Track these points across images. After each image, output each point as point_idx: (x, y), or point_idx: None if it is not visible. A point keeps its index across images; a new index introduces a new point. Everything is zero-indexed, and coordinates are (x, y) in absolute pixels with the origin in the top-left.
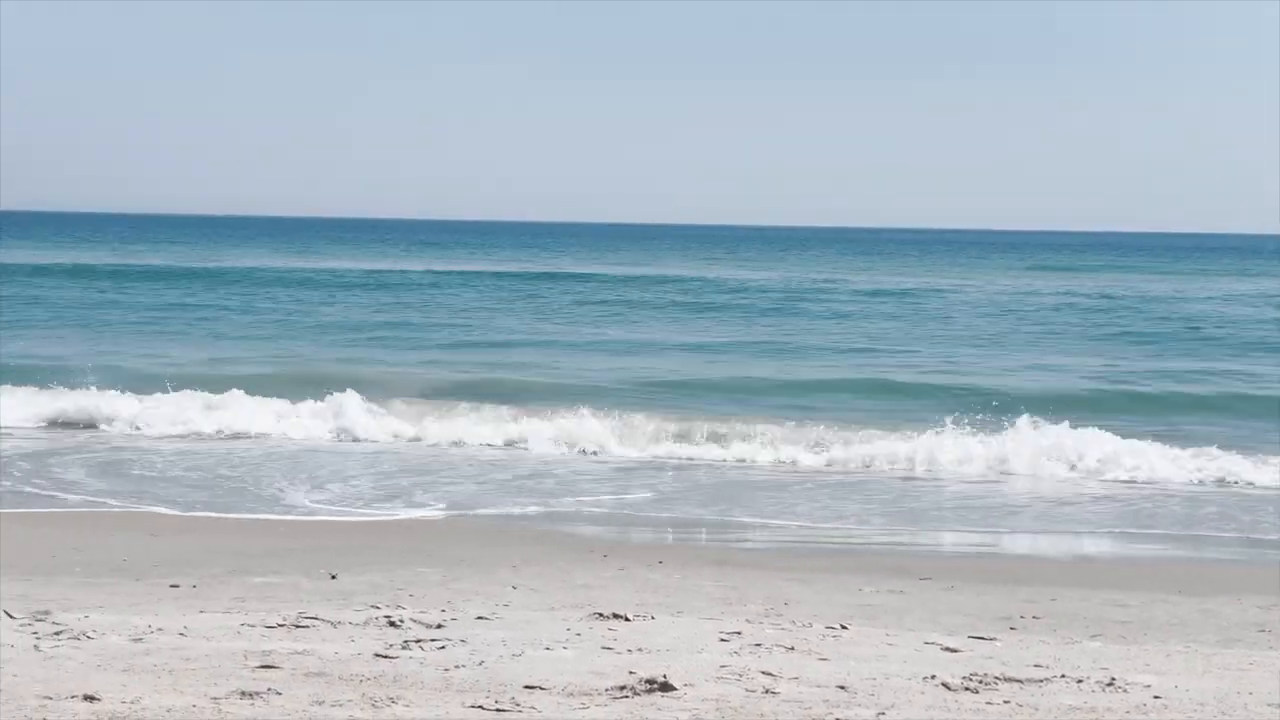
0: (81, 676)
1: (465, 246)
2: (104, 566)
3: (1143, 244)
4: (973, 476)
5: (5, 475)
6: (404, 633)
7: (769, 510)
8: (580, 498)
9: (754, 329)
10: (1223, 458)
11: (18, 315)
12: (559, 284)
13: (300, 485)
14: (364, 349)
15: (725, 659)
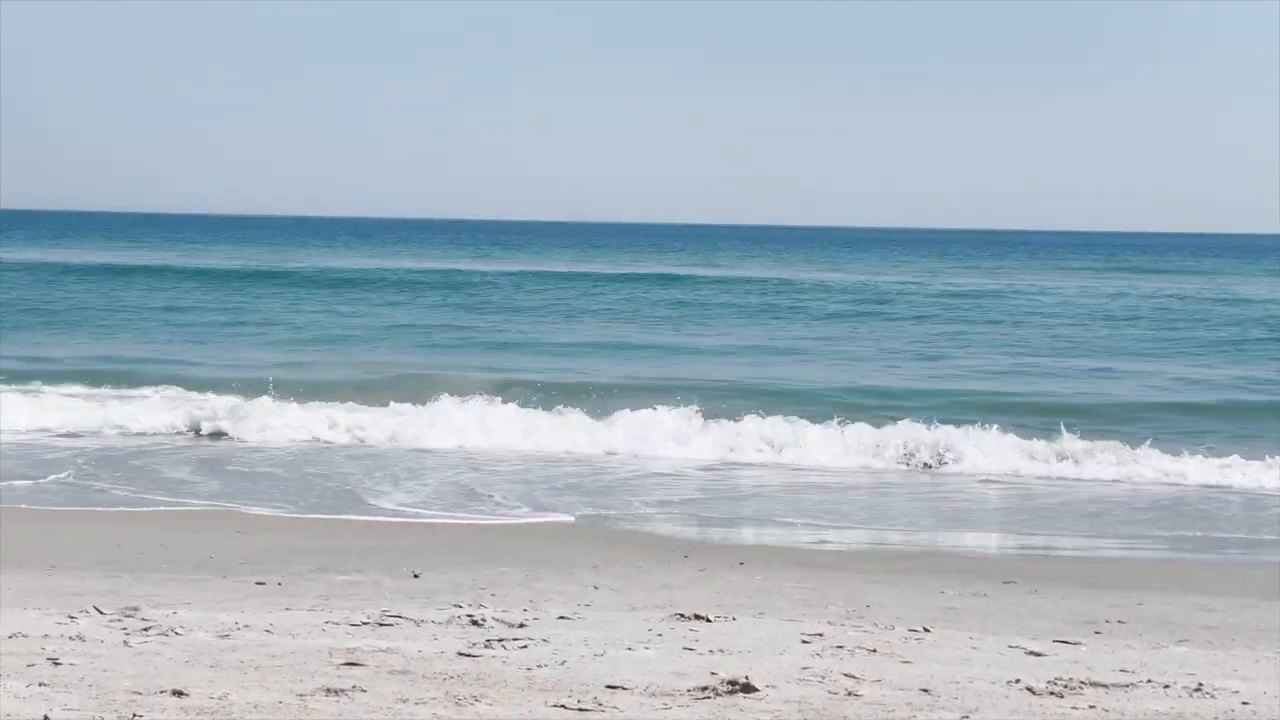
0: (170, 672)
1: (642, 249)
2: (191, 564)
3: (1185, 244)
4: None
5: (110, 475)
6: (486, 631)
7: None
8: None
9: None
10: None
11: (125, 317)
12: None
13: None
14: (583, 358)
15: (807, 660)
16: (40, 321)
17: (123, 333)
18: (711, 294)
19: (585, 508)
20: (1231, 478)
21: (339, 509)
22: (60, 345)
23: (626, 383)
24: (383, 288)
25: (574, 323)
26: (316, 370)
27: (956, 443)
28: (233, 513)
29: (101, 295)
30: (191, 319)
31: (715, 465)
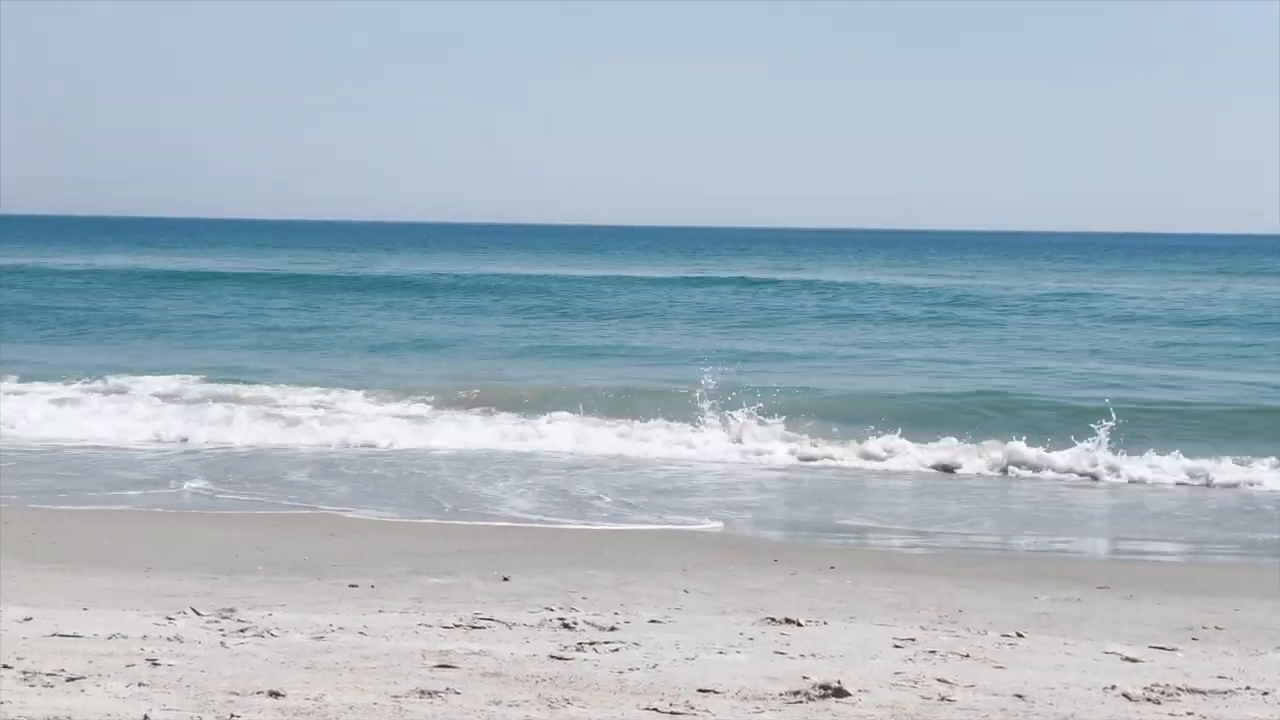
0: (267, 673)
1: (769, 255)
2: (285, 566)
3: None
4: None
5: (225, 479)
6: (578, 635)
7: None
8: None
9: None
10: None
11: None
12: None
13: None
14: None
15: (899, 665)
16: (162, 328)
17: (244, 339)
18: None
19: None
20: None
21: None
22: (195, 352)
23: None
24: (477, 292)
25: (747, 329)
26: (483, 378)
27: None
28: (326, 515)
29: (192, 302)
30: (320, 326)
31: (797, 467)
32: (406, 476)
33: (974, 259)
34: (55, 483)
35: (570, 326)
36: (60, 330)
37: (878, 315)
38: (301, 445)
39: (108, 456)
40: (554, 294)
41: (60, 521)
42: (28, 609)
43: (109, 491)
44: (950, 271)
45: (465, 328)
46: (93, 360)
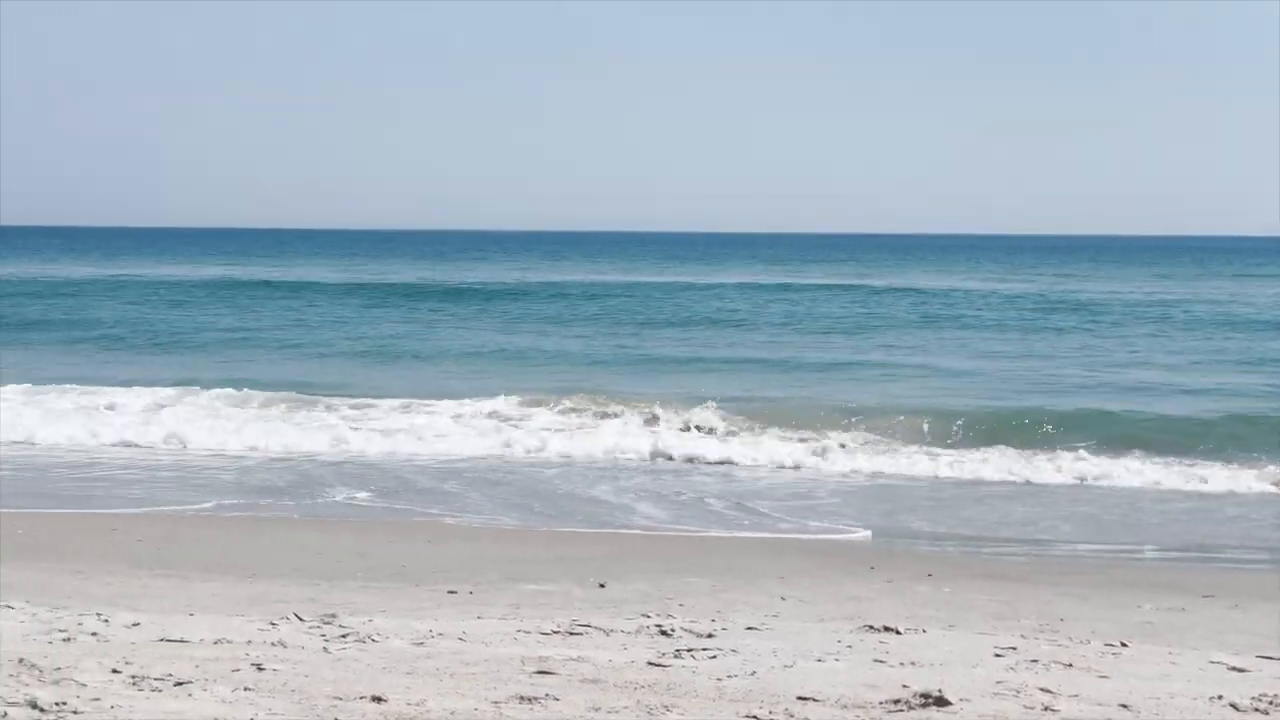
0: (369, 678)
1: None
2: (385, 572)
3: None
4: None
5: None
6: (675, 641)
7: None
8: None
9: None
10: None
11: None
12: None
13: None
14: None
15: (1001, 674)
16: (280, 339)
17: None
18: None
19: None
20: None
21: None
22: (318, 362)
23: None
24: (573, 299)
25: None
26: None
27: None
28: (425, 522)
29: (296, 312)
30: (432, 334)
31: (905, 476)
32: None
33: (1028, 261)
34: (194, 494)
35: (718, 336)
36: (170, 341)
37: (1009, 322)
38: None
39: (255, 464)
40: (655, 300)
41: (165, 528)
42: (135, 614)
43: (263, 500)
44: (1022, 275)
45: (608, 338)
46: (237, 374)
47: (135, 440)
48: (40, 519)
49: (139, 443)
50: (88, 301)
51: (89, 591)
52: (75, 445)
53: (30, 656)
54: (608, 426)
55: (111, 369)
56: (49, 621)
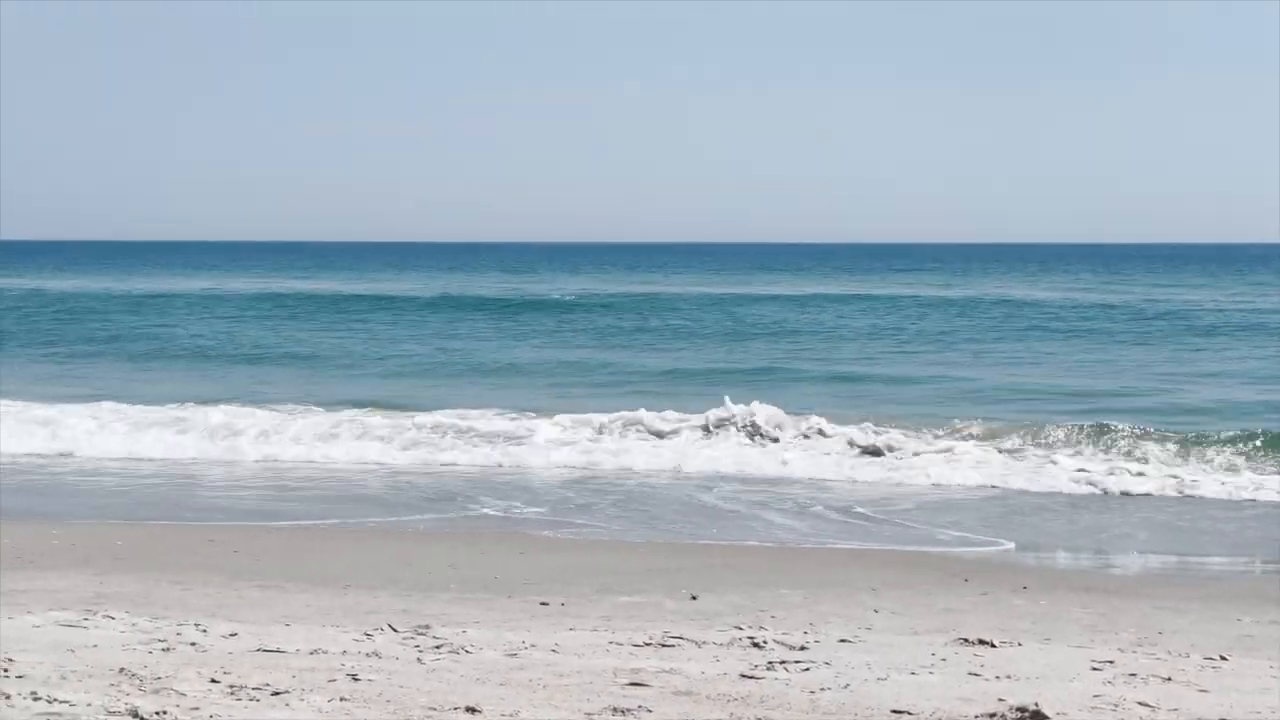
0: (462, 689)
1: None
2: (477, 583)
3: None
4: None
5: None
6: (767, 654)
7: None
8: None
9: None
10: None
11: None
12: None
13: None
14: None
15: (1098, 688)
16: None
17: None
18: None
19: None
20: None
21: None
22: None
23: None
24: (659, 311)
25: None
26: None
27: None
28: (516, 534)
29: (377, 326)
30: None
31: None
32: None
33: (1072, 270)
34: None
35: (839, 349)
36: (283, 356)
37: (1121, 333)
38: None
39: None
40: (745, 312)
41: (260, 539)
42: (233, 624)
43: (408, 516)
44: (1095, 284)
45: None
46: (350, 393)
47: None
48: (142, 530)
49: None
50: (178, 317)
51: (188, 602)
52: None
53: (131, 666)
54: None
55: (264, 388)
56: (149, 632)
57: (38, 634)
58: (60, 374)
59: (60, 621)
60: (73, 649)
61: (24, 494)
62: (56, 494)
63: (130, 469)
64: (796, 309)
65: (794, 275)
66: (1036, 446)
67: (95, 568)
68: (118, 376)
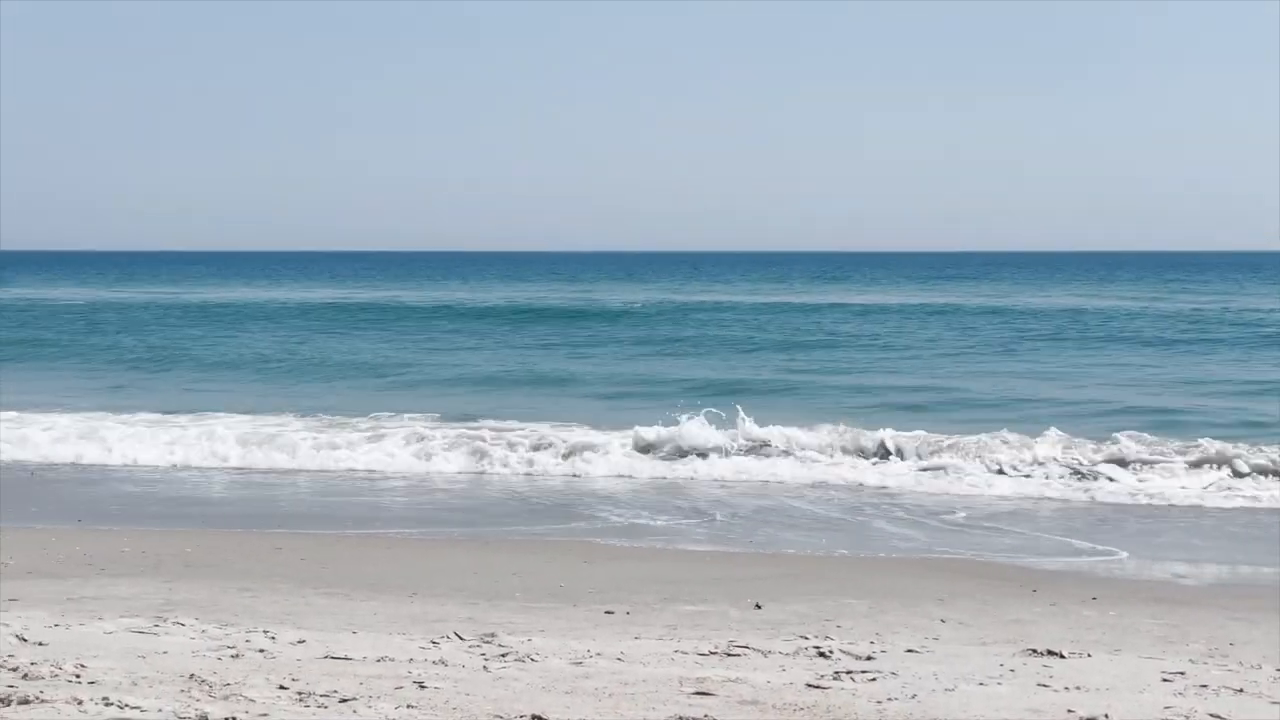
0: (528, 697)
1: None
2: (542, 592)
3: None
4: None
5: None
6: (834, 663)
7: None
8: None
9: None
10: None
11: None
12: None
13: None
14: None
15: (1169, 700)
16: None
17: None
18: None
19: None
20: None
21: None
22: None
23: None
24: (729, 322)
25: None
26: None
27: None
28: (580, 542)
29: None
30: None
31: (1046, 497)
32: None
33: (1097, 280)
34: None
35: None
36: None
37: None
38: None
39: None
40: (832, 320)
41: (326, 547)
42: (301, 631)
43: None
44: (1142, 293)
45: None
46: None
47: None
48: (211, 537)
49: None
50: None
51: (256, 609)
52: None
53: (200, 672)
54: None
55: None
56: (218, 638)
57: (109, 640)
58: (201, 386)
59: (131, 628)
60: (143, 655)
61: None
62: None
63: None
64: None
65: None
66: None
67: (165, 574)
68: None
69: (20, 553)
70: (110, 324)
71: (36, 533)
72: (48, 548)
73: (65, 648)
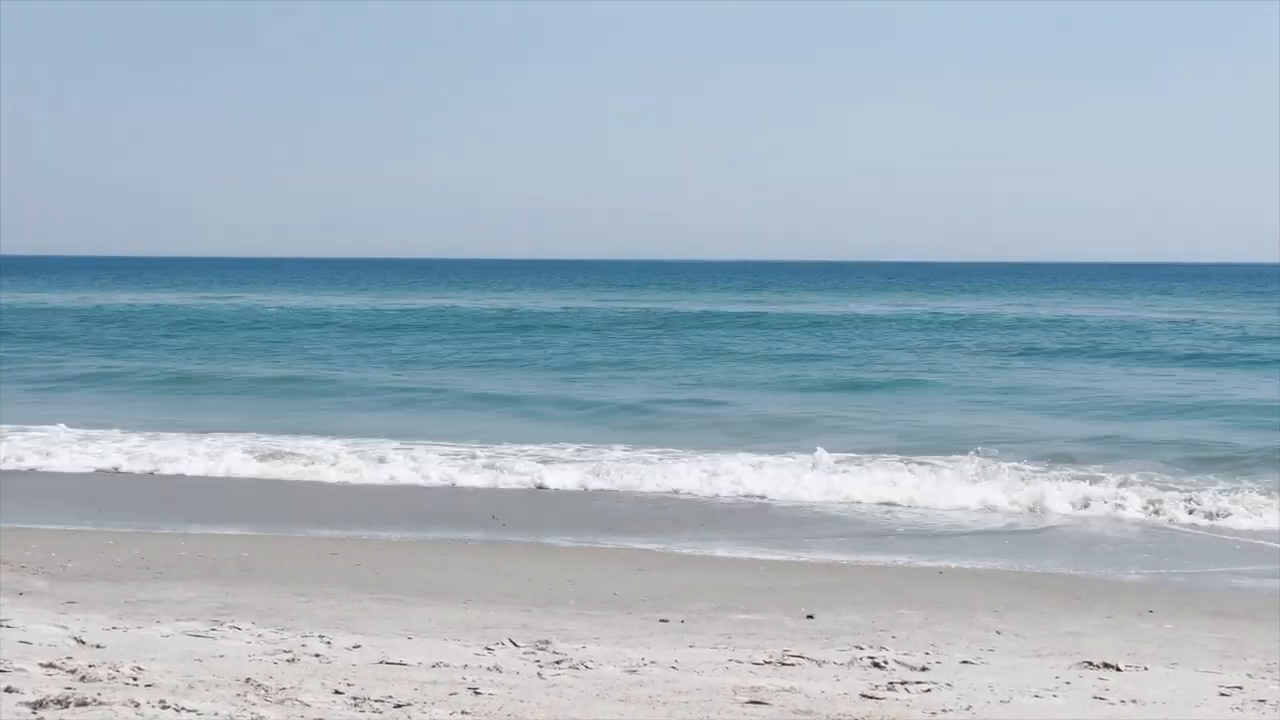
0: (582, 705)
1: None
2: (596, 599)
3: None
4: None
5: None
6: (888, 674)
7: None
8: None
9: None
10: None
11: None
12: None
13: None
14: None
15: (1226, 714)
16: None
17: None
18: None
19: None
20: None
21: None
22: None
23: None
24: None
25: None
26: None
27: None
28: (635, 550)
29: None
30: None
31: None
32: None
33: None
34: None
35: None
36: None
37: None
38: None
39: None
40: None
41: (380, 552)
42: (356, 636)
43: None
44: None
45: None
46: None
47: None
48: (267, 541)
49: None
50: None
51: (312, 614)
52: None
53: (256, 676)
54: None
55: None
56: (274, 642)
57: (166, 643)
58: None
59: (188, 631)
60: (200, 659)
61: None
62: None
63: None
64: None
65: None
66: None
67: (222, 579)
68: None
69: (78, 556)
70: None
71: (95, 536)
72: (105, 551)
73: (123, 650)
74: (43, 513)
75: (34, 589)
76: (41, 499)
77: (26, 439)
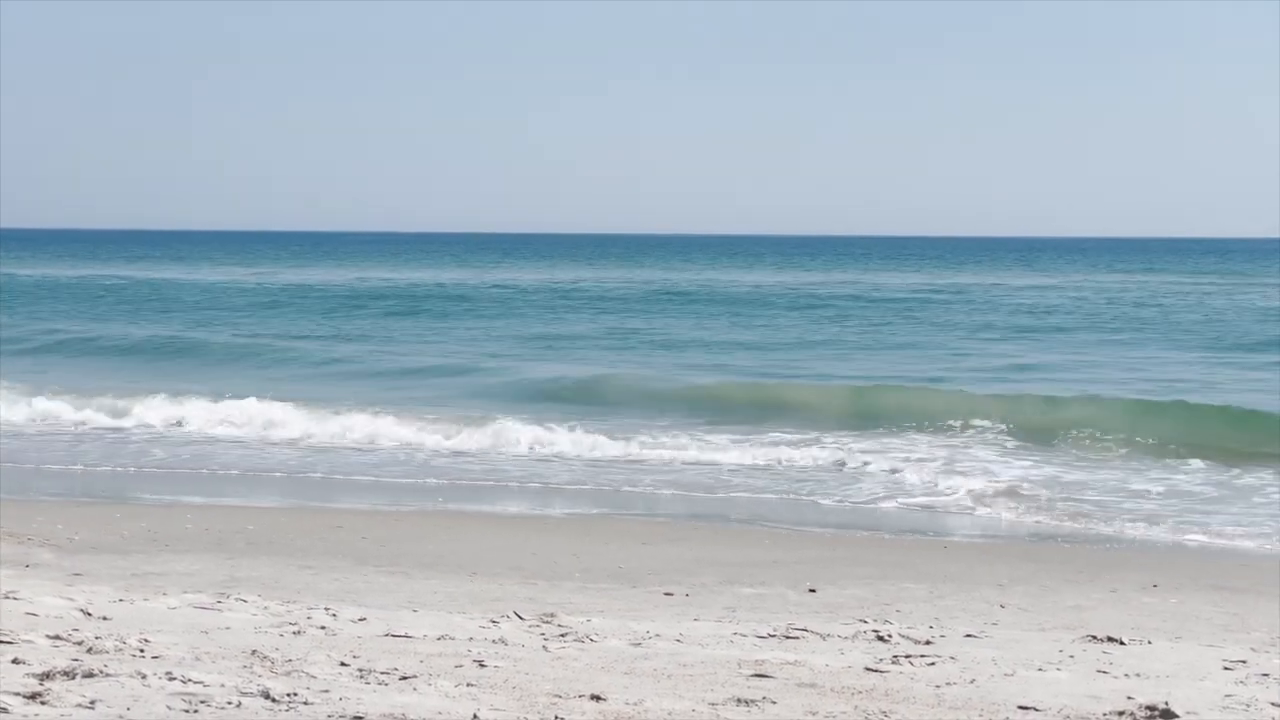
0: (587, 677)
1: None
2: (601, 573)
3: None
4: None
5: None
6: (893, 647)
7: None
8: None
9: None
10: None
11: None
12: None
13: None
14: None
15: (1230, 688)
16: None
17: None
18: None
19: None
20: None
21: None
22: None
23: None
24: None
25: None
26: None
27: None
28: (640, 523)
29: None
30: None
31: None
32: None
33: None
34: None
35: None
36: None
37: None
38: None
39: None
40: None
41: (386, 525)
42: (362, 609)
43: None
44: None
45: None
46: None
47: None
48: (273, 514)
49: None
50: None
51: (317, 586)
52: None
53: (262, 649)
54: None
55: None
56: (280, 615)
57: (173, 615)
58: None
59: (194, 604)
60: (206, 631)
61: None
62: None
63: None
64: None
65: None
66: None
67: (228, 551)
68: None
69: (85, 528)
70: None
71: (101, 508)
72: (112, 523)
73: (129, 622)
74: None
75: (40, 561)
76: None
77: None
